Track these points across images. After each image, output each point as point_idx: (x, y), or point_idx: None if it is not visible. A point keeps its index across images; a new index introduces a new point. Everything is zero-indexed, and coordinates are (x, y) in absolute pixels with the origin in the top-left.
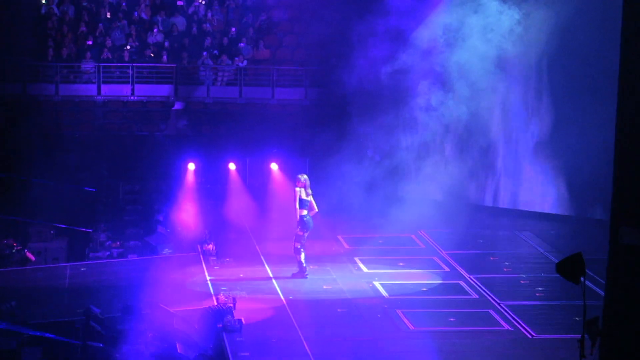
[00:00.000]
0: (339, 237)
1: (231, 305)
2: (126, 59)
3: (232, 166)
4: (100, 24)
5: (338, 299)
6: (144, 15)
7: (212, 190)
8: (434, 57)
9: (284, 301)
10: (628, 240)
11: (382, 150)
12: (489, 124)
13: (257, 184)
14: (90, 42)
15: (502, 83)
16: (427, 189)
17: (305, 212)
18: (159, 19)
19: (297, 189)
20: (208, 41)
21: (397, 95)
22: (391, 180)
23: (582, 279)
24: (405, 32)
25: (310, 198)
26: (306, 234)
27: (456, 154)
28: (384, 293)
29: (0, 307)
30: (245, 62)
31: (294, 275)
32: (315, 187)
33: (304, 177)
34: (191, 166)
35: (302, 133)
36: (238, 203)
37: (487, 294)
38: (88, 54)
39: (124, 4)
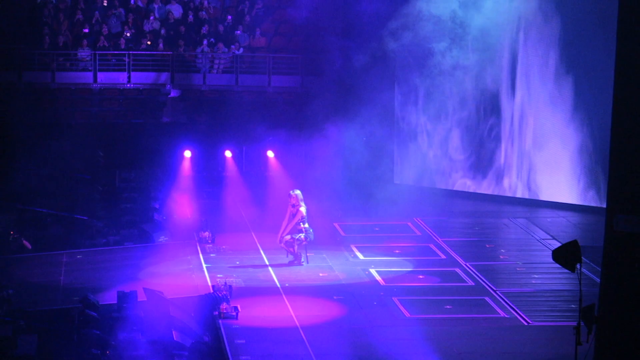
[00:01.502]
0: (335, 224)
1: (227, 292)
2: (122, 46)
3: (228, 154)
4: (97, 12)
5: (334, 287)
6: (140, 3)
7: (209, 177)
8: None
9: (280, 288)
10: (623, 228)
11: (379, 134)
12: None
13: (253, 172)
14: (86, 30)
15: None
16: (425, 175)
17: (307, 225)
18: (155, 6)
19: (302, 208)
20: (205, 29)
21: (400, 71)
22: (388, 165)
23: (578, 266)
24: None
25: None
26: (305, 243)
27: (463, 135)
28: (380, 280)
29: None
30: (241, 50)
31: (290, 263)
32: (312, 175)
33: (295, 192)
34: (187, 154)
35: (298, 120)
36: (234, 191)
37: (484, 281)
38: (84, 42)
39: None
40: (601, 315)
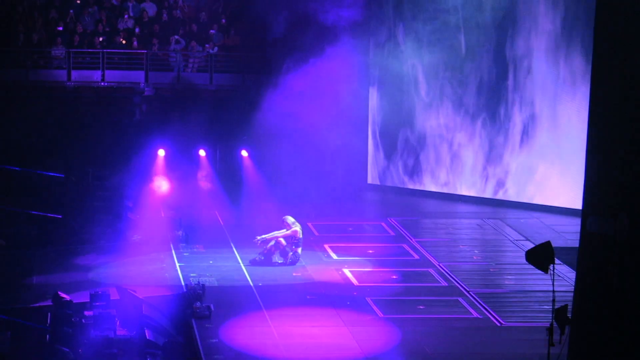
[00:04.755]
0: (309, 224)
1: (200, 291)
2: (97, 44)
3: (202, 153)
4: (71, 10)
5: (307, 286)
6: (114, 1)
7: (182, 176)
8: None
9: (253, 288)
10: (595, 229)
11: (353, 132)
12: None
13: (227, 171)
14: (60, 28)
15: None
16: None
17: (299, 250)
18: (130, 4)
19: (297, 227)
20: (182, 29)
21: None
22: (362, 165)
23: (551, 267)
24: None
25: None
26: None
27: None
28: (354, 280)
29: None
30: (216, 49)
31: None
32: (285, 174)
33: (288, 220)
34: (161, 152)
35: (272, 119)
36: (208, 190)
37: (457, 281)
38: (59, 40)
39: None
40: (575, 317)
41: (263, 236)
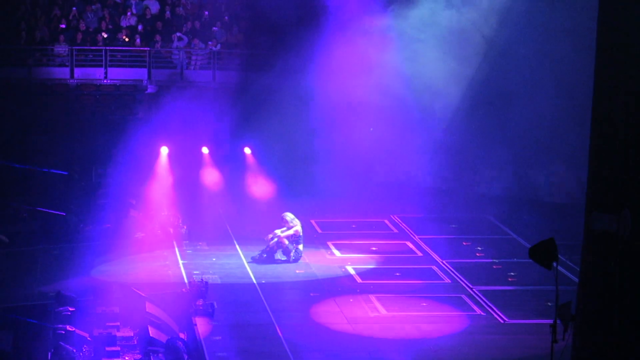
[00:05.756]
0: (312, 221)
1: (204, 289)
2: (99, 42)
3: (205, 150)
4: (74, 8)
5: (311, 283)
6: None
7: (185, 174)
8: None
9: (257, 285)
10: (598, 226)
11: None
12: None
13: (230, 168)
14: (63, 26)
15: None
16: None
17: (300, 247)
18: (132, 2)
19: (297, 227)
20: (187, 25)
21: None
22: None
23: (554, 264)
24: None
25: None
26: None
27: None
28: (357, 278)
29: None
30: (219, 46)
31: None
32: (287, 171)
33: (287, 217)
34: (164, 150)
35: (276, 116)
36: (211, 187)
37: (460, 278)
38: (61, 37)
39: None
40: (579, 313)
41: (270, 237)
